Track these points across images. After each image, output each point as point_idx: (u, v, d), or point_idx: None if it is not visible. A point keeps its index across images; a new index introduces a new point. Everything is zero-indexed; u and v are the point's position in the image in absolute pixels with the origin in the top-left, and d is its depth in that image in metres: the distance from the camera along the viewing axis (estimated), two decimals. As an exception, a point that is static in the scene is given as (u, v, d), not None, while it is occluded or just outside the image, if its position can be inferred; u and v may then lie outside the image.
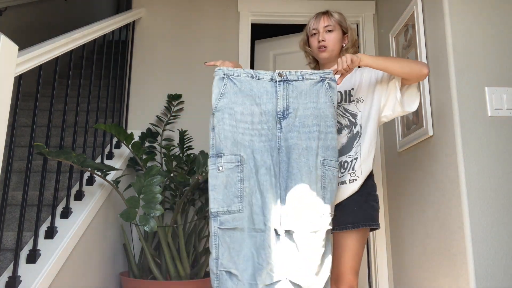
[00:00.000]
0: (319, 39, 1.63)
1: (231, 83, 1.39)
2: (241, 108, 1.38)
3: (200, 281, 2.07)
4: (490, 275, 1.55)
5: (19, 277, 1.50)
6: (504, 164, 1.64)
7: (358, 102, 1.59)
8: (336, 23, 1.65)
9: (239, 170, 1.35)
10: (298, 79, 1.42)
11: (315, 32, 1.66)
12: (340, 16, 1.68)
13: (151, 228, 1.57)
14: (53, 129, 2.70)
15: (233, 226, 1.31)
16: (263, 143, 1.37)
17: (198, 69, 2.88)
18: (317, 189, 1.33)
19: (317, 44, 1.63)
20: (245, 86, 1.39)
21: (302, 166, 1.35)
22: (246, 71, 1.41)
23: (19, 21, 3.74)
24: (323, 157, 1.36)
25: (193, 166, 2.42)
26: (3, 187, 1.49)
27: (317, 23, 1.66)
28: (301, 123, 1.38)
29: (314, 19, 1.68)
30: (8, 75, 1.38)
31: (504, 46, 1.75)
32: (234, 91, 1.39)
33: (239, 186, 1.34)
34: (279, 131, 1.39)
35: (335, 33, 1.64)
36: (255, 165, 1.35)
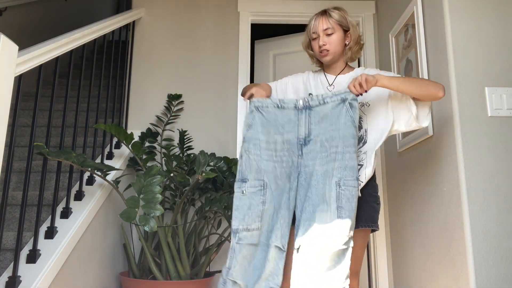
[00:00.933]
0: (319, 43, 1.60)
1: (260, 114, 1.51)
2: (266, 137, 1.49)
3: (200, 281, 2.07)
4: (490, 275, 1.55)
5: (19, 277, 1.50)
6: (504, 164, 1.64)
7: (363, 105, 1.57)
8: (336, 24, 1.60)
9: (261, 194, 1.47)
10: (320, 103, 1.47)
11: (315, 37, 1.62)
12: (339, 15, 1.62)
13: (151, 228, 1.57)
14: (53, 129, 2.70)
15: (249, 242, 1.43)
16: (284, 169, 1.47)
17: (198, 69, 2.88)
18: (332, 210, 1.38)
19: (318, 48, 1.61)
20: (271, 116, 1.50)
21: (319, 190, 1.41)
22: (273, 101, 1.51)
23: (19, 21, 3.74)
24: (339, 178, 1.40)
25: (193, 166, 2.42)
26: (3, 187, 1.49)
27: (316, 26, 1.61)
28: (321, 148, 1.45)
29: (313, 21, 1.64)
30: (8, 75, 1.38)
31: (504, 46, 1.75)
32: (261, 121, 1.50)
33: (260, 208, 1.45)
34: (299, 157, 1.47)
35: (335, 35, 1.60)
36: (276, 189, 1.46)
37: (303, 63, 1.86)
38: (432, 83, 1.50)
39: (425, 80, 1.55)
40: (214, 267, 2.51)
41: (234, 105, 2.81)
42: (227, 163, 2.37)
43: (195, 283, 2.04)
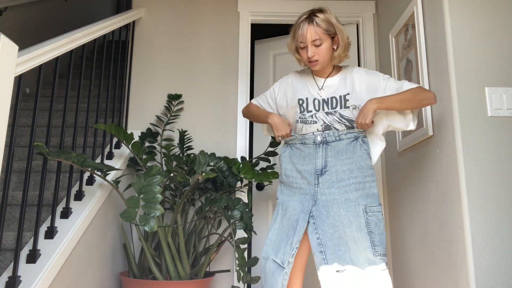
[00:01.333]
0: (308, 54, 1.60)
1: (290, 149, 1.72)
2: (290, 166, 1.69)
3: (200, 281, 2.07)
4: (490, 275, 1.55)
5: (19, 277, 1.50)
6: (504, 164, 1.64)
7: (354, 108, 1.62)
8: (323, 34, 1.58)
9: (277, 207, 1.71)
10: (336, 139, 1.60)
11: (303, 46, 1.61)
12: (326, 22, 1.59)
13: (151, 228, 1.57)
14: (53, 129, 2.70)
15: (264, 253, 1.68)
16: (301, 195, 1.62)
17: (198, 69, 2.88)
18: (363, 236, 1.49)
19: (307, 58, 1.62)
20: (297, 151, 1.68)
21: (343, 218, 1.51)
22: (298, 138, 1.68)
23: (19, 21, 3.74)
24: (364, 205, 1.53)
25: (193, 166, 2.42)
26: (3, 187, 1.49)
27: (304, 36, 1.59)
28: (338, 178, 1.56)
29: (300, 29, 1.60)
30: (8, 75, 1.38)
31: (504, 46, 1.75)
32: (289, 154, 1.71)
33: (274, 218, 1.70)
34: (316, 186, 1.58)
35: (324, 45, 1.60)
36: (286, 209, 1.64)
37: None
38: (422, 94, 1.58)
39: (415, 93, 1.58)
40: (214, 267, 2.51)
41: (234, 105, 2.81)
42: (227, 163, 2.37)
43: (195, 283, 2.04)
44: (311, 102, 1.66)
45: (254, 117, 1.87)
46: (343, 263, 1.46)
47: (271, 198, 2.86)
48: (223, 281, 2.53)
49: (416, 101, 1.57)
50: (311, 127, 1.64)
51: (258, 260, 2.07)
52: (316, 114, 1.64)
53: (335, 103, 1.63)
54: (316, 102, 1.65)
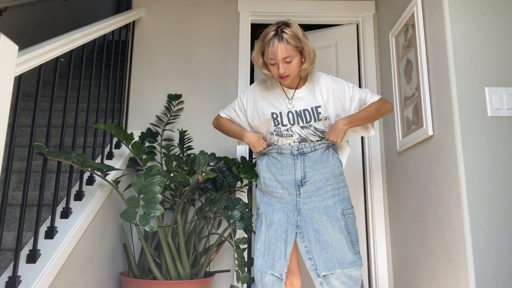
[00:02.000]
0: (280, 71, 1.62)
1: (267, 158, 1.78)
2: (269, 175, 1.75)
3: (200, 281, 2.07)
4: (490, 275, 1.55)
5: (19, 277, 1.50)
6: (504, 164, 1.64)
7: (325, 120, 1.73)
8: (293, 50, 1.60)
9: (259, 220, 1.76)
10: (312, 150, 1.71)
11: (273, 63, 1.62)
12: (294, 39, 1.59)
13: (151, 228, 1.57)
14: (53, 129, 2.70)
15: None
16: (282, 205, 1.70)
17: (198, 69, 2.88)
18: (344, 237, 1.63)
19: (278, 73, 1.64)
20: (274, 160, 1.75)
21: (325, 223, 1.63)
22: (275, 148, 1.75)
23: (19, 21, 3.74)
24: (341, 209, 1.66)
25: (193, 166, 2.42)
26: (3, 187, 1.49)
27: (275, 54, 1.59)
28: (317, 187, 1.67)
29: (270, 47, 1.59)
30: (8, 75, 1.38)
31: (504, 46, 1.75)
32: (267, 163, 1.78)
33: (258, 232, 1.75)
34: (298, 196, 1.68)
35: (294, 61, 1.62)
36: (271, 223, 1.69)
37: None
38: (384, 108, 1.75)
39: (378, 109, 1.74)
40: (214, 267, 2.51)
41: (234, 105, 2.81)
42: (227, 163, 2.37)
43: (195, 283, 2.04)
44: (285, 116, 1.72)
45: (227, 132, 1.92)
46: (329, 265, 1.60)
47: (271, 198, 2.86)
48: (223, 281, 2.53)
49: (379, 115, 1.75)
50: (287, 140, 1.73)
51: None
52: (292, 128, 1.72)
53: (308, 117, 1.71)
54: (290, 116, 1.72)
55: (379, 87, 2.79)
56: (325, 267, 1.60)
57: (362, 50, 2.90)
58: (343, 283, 1.59)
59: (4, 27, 3.46)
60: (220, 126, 1.93)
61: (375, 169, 2.69)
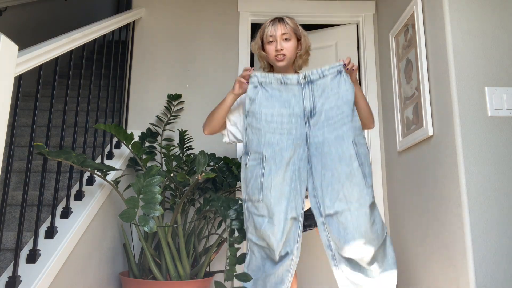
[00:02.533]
0: (277, 47, 1.65)
1: (263, 90, 1.57)
2: (271, 110, 1.55)
3: (200, 281, 2.07)
4: (490, 275, 1.55)
5: (19, 277, 1.50)
6: (504, 164, 1.64)
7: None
8: (292, 31, 1.68)
9: (260, 167, 1.53)
10: (320, 77, 1.56)
11: (272, 40, 1.67)
12: (294, 24, 1.70)
13: (151, 229, 1.56)
14: (53, 129, 2.70)
15: (255, 213, 1.53)
16: (292, 140, 1.53)
17: (198, 69, 2.88)
18: (355, 168, 1.47)
19: (275, 52, 1.66)
20: (275, 93, 1.56)
21: (334, 155, 1.49)
22: (276, 77, 1.56)
23: (19, 21, 3.74)
24: (353, 137, 1.51)
25: (193, 166, 2.42)
26: (3, 187, 1.49)
27: (274, 31, 1.66)
28: (327, 116, 1.53)
29: (270, 26, 1.68)
30: (8, 75, 1.38)
31: (504, 46, 1.75)
32: (265, 96, 1.56)
33: (259, 181, 1.52)
34: (307, 129, 1.54)
35: (291, 42, 1.68)
36: (281, 161, 1.51)
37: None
38: (371, 114, 1.71)
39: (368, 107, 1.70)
40: (214, 267, 2.51)
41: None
42: (227, 163, 2.37)
43: (195, 283, 2.04)
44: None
45: (213, 115, 1.72)
46: (334, 203, 1.47)
47: (271, 198, 2.86)
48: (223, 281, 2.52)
49: (368, 111, 1.69)
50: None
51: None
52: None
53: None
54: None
55: (379, 87, 2.79)
56: (329, 205, 1.46)
57: (362, 50, 2.90)
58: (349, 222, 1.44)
59: (4, 27, 3.46)
60: (208, 117, 1.76)
61: (375, 169, 2.69)
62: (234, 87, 1.64)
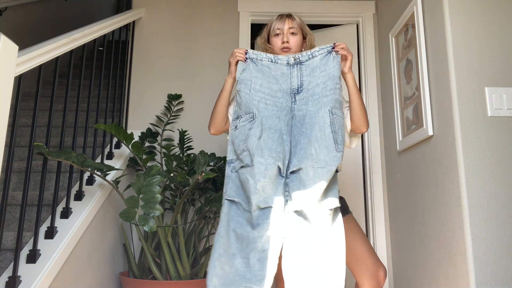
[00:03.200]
0: (283, 40, 1.69)
1: (254, 65, 1.61)
2: (260, 81, 1.59)
3: (200, 281, 2.07)
4: (490, 275, 1.55)
5: (19, 277, 1.50)
6: (504, 164, 1.64)
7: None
8: (299, 27, 1.73)
9: (250, 123, 1.54)
10: (309, 58, 1.59)
11: (278, 33, 1.71)
12: (301, 21, 1.75)
13: (150, 228, 1.57)
14: (53, 129, 2.70)
15: (241, 165, 1.49)
16: (276, 112, 1.55)
17: (198, 69, 2.88)
18: (327, 134, 1.48)
19: (281, 44, 1.69)
20: (265, 68, 1.60)
21: (311, 123, 1.51)
22: (267, 56, 1.60)
23: (19, 21, 3.74)
24: (331, 107, 1.52)
25: (193, 166, 2.42)
26: (3, 187, 1.49)
27: (282, 24, 1.71)
28: (312, 92, 1.56)
29: (278, 20, 1.74)
30: (8, 75, 1.38)
31: (504, 46, 1.75)
32: (255, 69, 1.60)
33: (246, 133, 1.53)
34: (293, 103, 1.57)
35: (297, 36, 1.71)
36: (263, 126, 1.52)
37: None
38: (365, 114, 1.62)
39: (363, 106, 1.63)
40: (214, 267, 2.51)
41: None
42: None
43: (195, 283, 2.04)
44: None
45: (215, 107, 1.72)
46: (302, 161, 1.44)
47: (271, 198, 2.86)
48: (223, 281, 2.52)
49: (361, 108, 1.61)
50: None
51: None
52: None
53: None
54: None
55: (379, 87, 2.79)
56: (295, 163, 1.45)
57: (362, 50, 2.90)
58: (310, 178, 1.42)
59: (4, 27, 3.46)
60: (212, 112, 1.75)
61: (375, 169, 2.69)
62: (229, 69, 1.64)
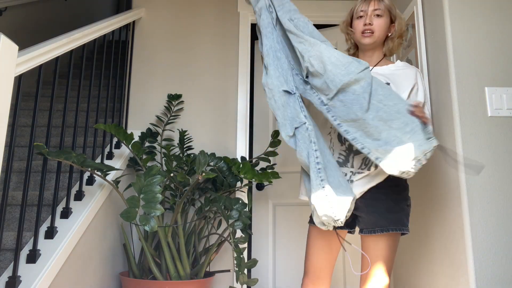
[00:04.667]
0: (366, 22, 1.55)
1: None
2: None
3: (200, 281, 2.07)
4: (490, 275, 1.55)
5: (19, 277, 1.50)
6: (504, 164, 1.64)
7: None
8: (386, 9, 1.57)
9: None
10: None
11: (362, 15, 1.57)
12: (390, 2, 1.58)
13: (152, 228, 1.57)
14: (53, 129, 2.70)
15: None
16: None
17: (198, 69, 2.88)
18: None
19: (363, 27, 1.55)
20: None
21: None
22: None
23: (19, 21, 3.74)
24: None
25: (193, 166, 2.42)
26: (3, 187, 1.49)
27: (366, 5, 1.56)
28: None
29: (363, 2, 1.58)
30: (8, 75, 1.38)
31: (504, 46, 1.75)
32: None
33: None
34: None
35: (383, 19, 1.56)
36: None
37: (303, 63, 1.86)
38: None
39: None
40: (214, 267, 2.51)
41: (234, 105, 2.81)
42: (227, 163, 2.37)
43: (195, 283, 2.04)
44: None
45: None
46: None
47: (271, 198, 2.86)
48: (223, 281, 2.53)
49: None
50: None
51: (257, 262, 2.07)
52: None
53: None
54: None
55: (379, 87, 2.79)
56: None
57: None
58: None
59: (4, 27, 3.46)
60: None
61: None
62: None
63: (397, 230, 1.45)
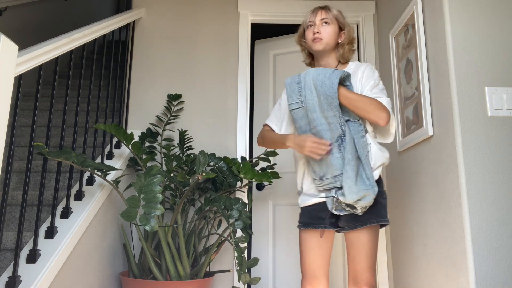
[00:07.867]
0: (314, 30, 1.66)
1: None
2: None
3: (200, 281, 2.07)
4: (490, 275, 1.55)
5: (19, 277, 1.50)
6: (504, 164, 1.64)
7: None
8: (333, 18, 1.68)
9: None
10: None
11: (311, 24, 1.69)
12: (337, 12, 1.71)
13: (152, 228, 1.57)
14: (53, 129, 2.70)
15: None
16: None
17: (198, 69, 2.88)
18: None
19: (312, 36, 1.66)
20: None
21: None
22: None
23: (19, 21, 3.74)
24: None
25: (193, 166, 2.42)
26: (3, 187, 1.49)
27: (314, 16, 1.69)
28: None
29: (312, 13, 1.71)
30: (8, 75, 1.38)
31: (504, 46, 1.75)
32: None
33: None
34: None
35: (331, 26, 1.67)
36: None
37: (303, 63, 1.86)
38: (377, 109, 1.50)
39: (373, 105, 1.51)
40: (214, 267, 2.51)
41: (234, 105, 2.81)
42: (227, 163, 2.37)
43: (195, 283, 2.04)
44: None
45: (270, 144, 1.74)
46: None
47: (271, 198, 2.86)
48: (223, 281, 2.53)
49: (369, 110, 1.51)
50: None
51: (258, 260, 2.07)
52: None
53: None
54: None
55: (379, 87, 2.79)
56: None
57: (362, 50, 2.91)
58: None
59: (4, 27, 3.46)
60: (263, 139, 1.77)
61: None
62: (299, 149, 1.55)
63: (376, 222, 1.54)
